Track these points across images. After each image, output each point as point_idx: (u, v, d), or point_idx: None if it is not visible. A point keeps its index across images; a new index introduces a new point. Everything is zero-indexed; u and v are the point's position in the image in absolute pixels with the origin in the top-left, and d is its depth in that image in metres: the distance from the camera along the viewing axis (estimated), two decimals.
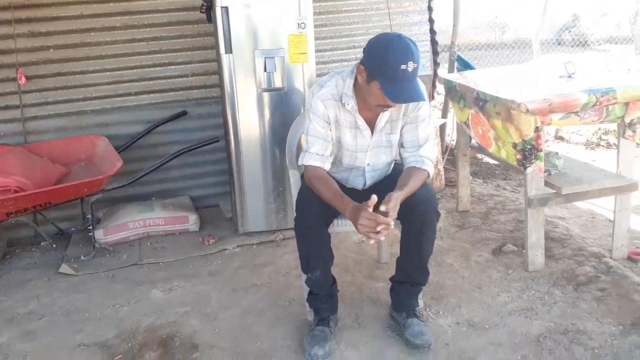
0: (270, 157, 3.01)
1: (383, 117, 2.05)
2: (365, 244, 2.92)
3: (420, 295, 2.24)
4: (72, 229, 3.22)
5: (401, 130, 2.10)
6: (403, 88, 1.85)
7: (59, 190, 2.69)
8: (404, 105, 2.04)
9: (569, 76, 2.67)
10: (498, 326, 2.18)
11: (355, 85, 2.00)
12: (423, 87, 2.01)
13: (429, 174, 2.06)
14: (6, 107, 3.11)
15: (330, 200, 1.97)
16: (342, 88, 2.02)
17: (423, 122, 2.08)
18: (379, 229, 1.81)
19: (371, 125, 2.07)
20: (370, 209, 1.83)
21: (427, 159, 2.06)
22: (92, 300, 2.49)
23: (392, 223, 1.84)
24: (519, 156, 2.51)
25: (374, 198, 1.84)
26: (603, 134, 4.80)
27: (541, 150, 2.45)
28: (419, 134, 2.07)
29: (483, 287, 2.47)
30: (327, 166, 2.07)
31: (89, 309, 2.42)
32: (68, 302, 2.49)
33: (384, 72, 1.83)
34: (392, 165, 2.25)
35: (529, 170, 2.47)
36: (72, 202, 2.98)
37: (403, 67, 1.81)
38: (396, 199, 1.88)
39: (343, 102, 2.02)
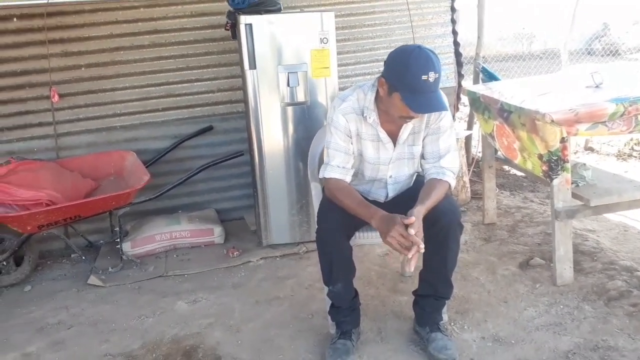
0: (294, 170, 3.04)
1: (406, 129, 2.05)
2: (388, 257, 2.90)
3: (444, 309, 2.21)
4: (101, 241, 3.30)
5: (423, 141, 2.10)
6: (425, 99, 1.85)
7: (88, 204, 2.76)
8: (426, 116, 2.03)
9: (596, 86, 2.61)
10: (525, 341, 2.13)
11: (377, 98, 2.01)
12: (445, 98, 2.00)
13: (450, 185, 2.04)
14: (40, 124, 3.23)
15: (356, 210, 1.96)
16: (364, 102, 2.03)
17: (445, 133, 2.07)
18: (410, 255, 1.81)
19: (393, 137, 2.07)
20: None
21: (449, 170, 2.05)
22: (118, 311, 2.54)
23: (423, 246, 1.83)
24: (544, 167, 2.46)
25: (412, 219, 1.83)
26: (635, 144, 4.66)
27: (567, 162, 2.40)
28: (440, 145, 2.06)
29: (509, 301, 2.41)
30: (348, 179, 2.08)
31: (116, 319, 2.47)
32: (96, 312, 2.55)
33: (405, 83, 1.84)
34: (415, 177, 2.24)
35: (555, 181, 2.42)
36: (102, 215, 3.06)
37: (424, 77, 1.81)
38: (417, 216, 1.86)
39: (365, 115, 2.02)
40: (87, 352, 2.25)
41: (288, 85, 2.90)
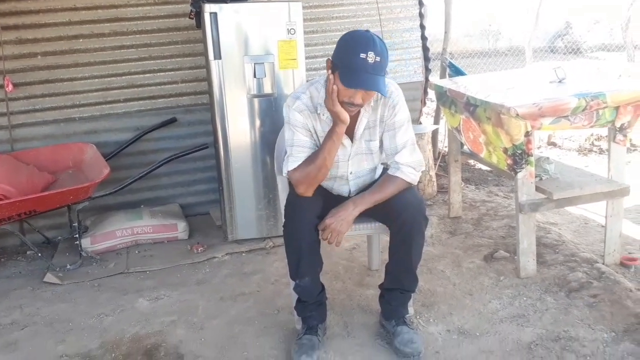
0: (260, 163, 2.98)
1: (361, 124, 2.03)
2: (356, 251, 2.88)
3: (410, 303, 2.21)
4: (59, 237, 3.18)
5: (381, 137, 2.08)
6: (360, 77, 1.83)
7: (44, 198, 2.64)
8: (379, 110, 2.02)
9: (559, 81, 2.66)
10: (489, 334, 2.15)
11: None
12: (395, 89, 1.99)
13: (404, 180, 2.03)
14: None
15: (326, 155, 1.94)
16: (317, 98, 2.00)
17: (401, 128, 2.05)
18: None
19: (349, 133, 2.04)
20: None
21: (404, 165, 2.03)
22: (76, 310, 2.44)
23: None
24: (509, 161, 2.49)
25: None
26: (595, 139, 4.80)
27: (532, 155, 2.43)
28: (397, 140, 2.05)
29: (474, 294, 2.43)
30: None
31: (73, 318, 2.37)
32: (51, 312, 2.44)
33: (344, 60, 1.84)
34: (380, 171, 2.22)
35: (519, 175, 2.45)
36: (60, 210, 2.94)
37: (362, 55, 1.80)
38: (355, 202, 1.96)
39: (319, 112, 2.00)
40: (42, 353, 2.15)
41: (254, 76, 2.84)
